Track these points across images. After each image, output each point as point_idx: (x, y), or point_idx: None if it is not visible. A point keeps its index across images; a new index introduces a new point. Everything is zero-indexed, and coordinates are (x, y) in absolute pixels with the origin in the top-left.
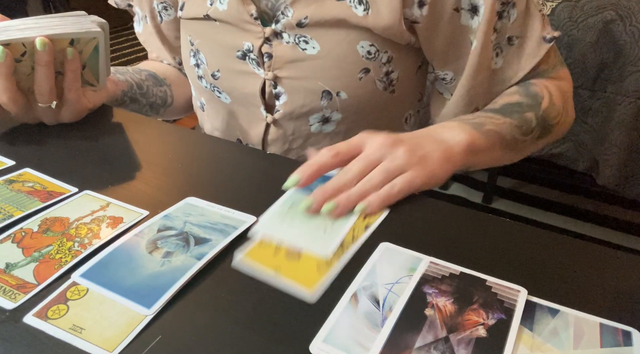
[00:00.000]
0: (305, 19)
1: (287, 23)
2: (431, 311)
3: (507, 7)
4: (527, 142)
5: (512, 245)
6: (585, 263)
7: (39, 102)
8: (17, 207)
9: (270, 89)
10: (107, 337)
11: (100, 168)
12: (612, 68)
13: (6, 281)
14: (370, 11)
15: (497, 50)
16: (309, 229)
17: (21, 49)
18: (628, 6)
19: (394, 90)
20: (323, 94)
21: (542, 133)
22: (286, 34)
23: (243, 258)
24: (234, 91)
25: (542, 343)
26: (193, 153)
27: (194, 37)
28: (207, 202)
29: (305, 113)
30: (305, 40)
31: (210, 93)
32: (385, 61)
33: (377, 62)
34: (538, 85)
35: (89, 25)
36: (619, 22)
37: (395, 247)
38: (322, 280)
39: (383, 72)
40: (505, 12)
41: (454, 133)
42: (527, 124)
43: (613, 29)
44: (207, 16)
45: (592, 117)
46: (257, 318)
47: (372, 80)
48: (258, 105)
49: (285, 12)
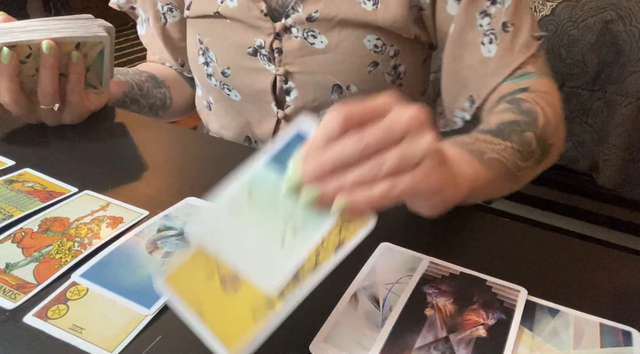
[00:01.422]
0: (316, 13)
1: (297, 18)
2: (431, 311)
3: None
4: (527, 169)
5: (512, 245)
6: (585, 263)
7: (41, 103)
8: (17, 207)
9: (281, 85)
10: (107, 337)
11: (100, 168)
12: (612, 68)
13: (6, 281)
14: (379, 5)
15: (491, 36)
16: (262, 237)
17: (27, 51)
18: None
19: (402, 83)
20: (333, 88)
21: (541, 156)
22: (295, 29)
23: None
24: (245, 88)
25: (542, 343)
26: (193, 153)
27: (203, 35)
28: (207, 202)
29: (316, 108)
30: (313, 35)
31: (219, 91)
32: (393, 54)
33: (385, 55)
34: (529, 100)
35: (96, 29)
36: (619, 22)
37: (395, 247)
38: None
39: (391, 66)
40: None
41: (460, 163)
42: (527, 147)
43: (613, 29)
44: (218, 13)
45: (592, 117)
46: None
47: (381, 73)
48: (269, 101)
49: (295, 7)
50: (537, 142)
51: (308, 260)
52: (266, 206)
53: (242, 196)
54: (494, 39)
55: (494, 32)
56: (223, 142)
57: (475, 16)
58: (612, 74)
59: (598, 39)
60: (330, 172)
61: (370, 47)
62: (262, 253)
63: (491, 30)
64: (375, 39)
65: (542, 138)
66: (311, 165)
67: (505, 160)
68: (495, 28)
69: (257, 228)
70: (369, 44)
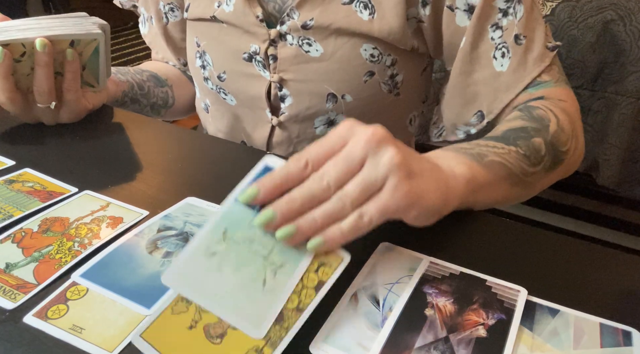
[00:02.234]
0: (311, 21)
1: (292, 25)
2: (431, 311)
3: (513, 4)
4: (537, 175)
5: (512, 245)
6: (585, 263)
7: (38, 102)
8: (17, 207)
9: (275, 91)
10: (107, 337)
11: (100, 168)
12: (612, 68)
13: (6, 281)
14: (375, 15)
15: (504, 49)
16: (242, 279)
17: (21, 49)
18: (628, 6)
19: (399, 93)
20: (328, 97)
21: (554, 163)
22: (290, 36)
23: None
24: (240, 93)
25: (542, 343)
26: (193, 153)
27: (200, 39)
28: (207, 202)
29: (310, 116)
30: (308, 43)
31: (215, 94)
32: (390, 64)
33: (381, 65)
34: (541, 107)
35: (90, 27)
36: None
37: (395, 247)
38: None
39: (388, 75)
40: (511, 9)
41: (452, 164)
42: (535, 152)
43: (613, 29)
44: (214, 17)
45: (592, 117)
46: None
47: (377, 83)
48: (264, 107)
49: (291, 14)
50: (547, 148)
51: (290, 299)
52: (242, 243)
53: (216, 236)
54: (507, 52)
55: (507, 45)
56: (223, 142)
57: (487, 29)
58: (612, 74)
59: (598, 39)
60: (298, 211)
61: (366, 56)
62: (243, 296)
63: (503, 44)
64: (371, 48)
65: (554, 144)
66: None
67: (509, 163)
68: (508, 41)
69: (236, 269)
70: (365, 53)
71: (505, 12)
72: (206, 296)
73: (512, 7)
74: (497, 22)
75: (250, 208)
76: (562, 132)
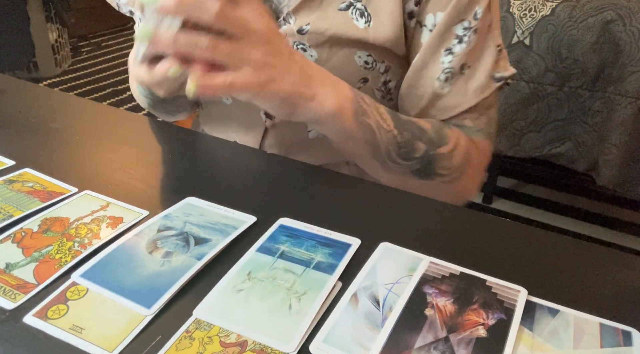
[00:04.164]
0: (307, 26)
1: (287, 29)
2: (431, 311)
3: (469, 32)
4: (401, 167)
5: (512, 245)
6: (585, 263)
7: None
8: (17, 207)
9: None
10: (107, 337)
11: (100, 168)
12: (612, 69)
13: (6, 281)
14: (371, 24)
15: (448, 75)
16: (269, 306)
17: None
18: (628, 6)
19: (392, 98)
20: None
21: (420, 172)
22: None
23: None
24: None
25: (542, 343)
26: (193, 153)
27: None
28: (207, 202)
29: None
30: (303, 48)
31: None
32: (383, 71)
33: (375, 71)
34: (454, 132)
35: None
36: (619, 22)
37: (395, 247)
38: None
39: (381, 82)
40: (466, 37)
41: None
42: (410, 150)
43: (613, 29)
44: None
45: (592, 117)
46: None
47: (371, 89)
48: (258, 109)
49: (287, 18)
50: (423, 156)
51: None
52: (266, 280)
53: (241, 277)
54: (450, 78)
55: (452, 71)
56: (223, 142)
57: (440, 52)
58: (612, 74)
59: (598, 39)
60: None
61: (360, 63)
62: (271, 319)
63: (450, 69)
64: (366, 55)
65: (432, 159)
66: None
67: (379, 135)
68: (454, 68)
69: (262, 299)
70: (359, 60)
71: (460, 39)
72: (237, 323)
73: (467, 35)
74: (451, 48)
75: (271, 255)
76: (448, 160)
